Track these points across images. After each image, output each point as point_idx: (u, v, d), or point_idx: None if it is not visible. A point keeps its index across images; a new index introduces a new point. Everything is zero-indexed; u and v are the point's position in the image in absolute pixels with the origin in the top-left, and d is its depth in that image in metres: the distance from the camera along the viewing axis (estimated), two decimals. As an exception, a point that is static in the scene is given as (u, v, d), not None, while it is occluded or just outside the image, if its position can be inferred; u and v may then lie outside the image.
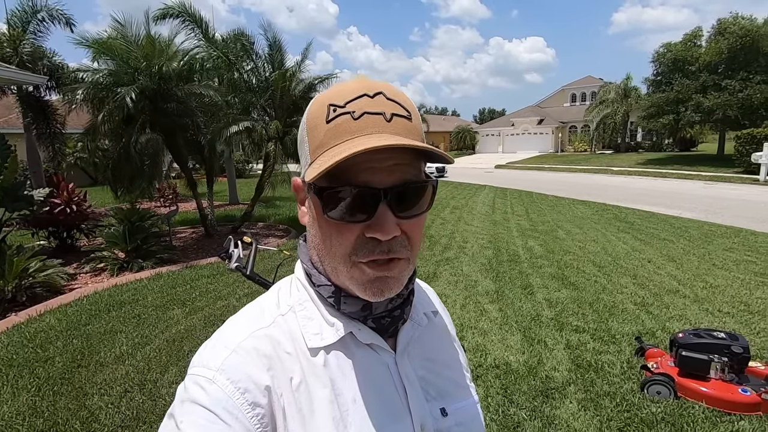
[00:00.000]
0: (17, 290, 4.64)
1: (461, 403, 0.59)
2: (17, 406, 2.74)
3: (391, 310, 0.55)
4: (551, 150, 36.10)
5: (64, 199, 6.40)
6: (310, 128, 0.50)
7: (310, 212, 0.53)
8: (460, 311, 4.19)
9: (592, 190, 14.68)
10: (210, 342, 0.53)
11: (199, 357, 0.51)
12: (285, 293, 0.57)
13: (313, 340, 0.52)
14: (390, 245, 0.48)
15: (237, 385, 0.47)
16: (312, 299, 0.55)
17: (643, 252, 6.56)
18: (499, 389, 2.83)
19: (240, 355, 0.49)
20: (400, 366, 0.54)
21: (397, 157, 0.47)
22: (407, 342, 0.57)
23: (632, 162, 23.91)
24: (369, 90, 0.49)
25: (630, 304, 4.39)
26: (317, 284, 0.54)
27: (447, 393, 0.58)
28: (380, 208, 0.46)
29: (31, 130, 10.11)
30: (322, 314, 0.54)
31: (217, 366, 0.48)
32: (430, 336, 0.61)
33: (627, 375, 2.99)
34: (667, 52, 23.18)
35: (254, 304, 0.58)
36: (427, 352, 0.59)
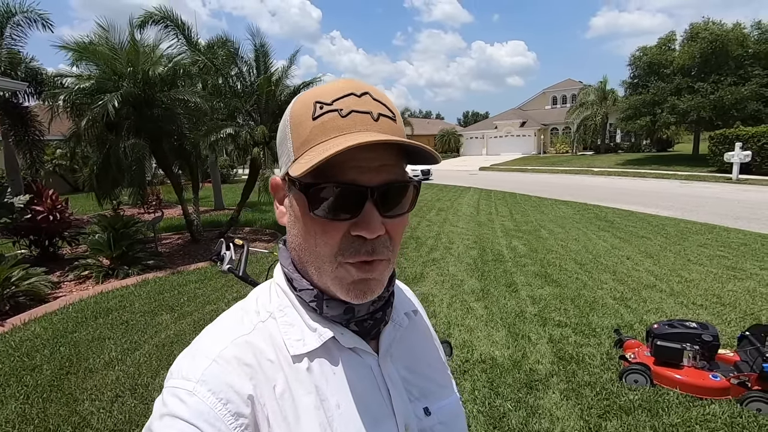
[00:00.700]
0: (0, 300, 4.57)
1: (443, 402, 0.59)
2: (6, 414, 2.72)
3: (373, 312, 0.54)
4: (534, 152, 36.73)
5: (47, 207, 6.31)
6: (294, 125, 0.49)
7: (290, 211, 0.52)
8: (447, 310, 4.29)
9: (574, 191, 15.02)
10: (188, 352, 0.51)
11: (177, 368, 0.49)
12: (264, 299, 0.56)
13: (296, 347, 0.51)
14: (374, 245, 0.48)
15: (218, 396, 0.46)
16: (293, 305, 0.54)
17: (622, 249, 6.77)
18: (485, 382, 2.93)
19: (220, 364, 0.48)
20: (383, 368, 0.54)
21: (384, 158, 0.48)
22: (389, 344, 0.56)
23: (612, 163, 24.51)
24: (356, 89, 0.49)
25: (609, 299, 4.56)
26: (299, 289, 0.53)
27: (429, 392, 0.58)
28: (367, 207, 0.47)
29: (9, 138, 9.91)
30: (304, 320, 0.52)
31: (197, 377, 0.47)
32: (410, 336, 0.61)
33: (606, 366, 3.12)
34: (643, 55, 23.89)
35: (232, 311, 0.56)
36: (409, 352, 0.59)
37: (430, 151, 0.48)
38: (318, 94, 0.49)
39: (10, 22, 9.64)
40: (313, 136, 0.47)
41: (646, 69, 23.51)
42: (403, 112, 45.25)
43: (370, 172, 0.47)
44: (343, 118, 0.47)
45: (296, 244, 0.52)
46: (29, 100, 10.18)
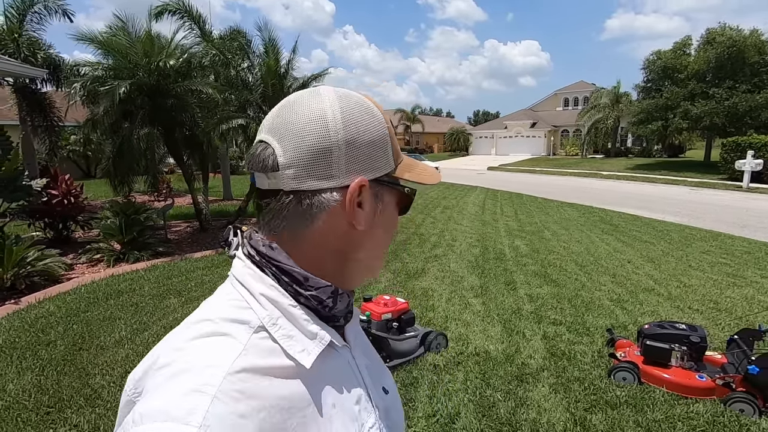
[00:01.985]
0: (16, 278, 4.76)
1: (389, 379, 0.63)
2: (22, 384, 2.89)
3: (350, 305, 0.56)
4: (543, 153, 36.55)
5: (62, 191, 6.51)
6: (391, 132, 0.53)
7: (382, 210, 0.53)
8: (446, 304, 4.40)
9: (581, 193, 15.00)
10: (173, 384, 0.41)
11: (162, 406, 0.40)
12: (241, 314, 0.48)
13: (302, 358, 0.47)
14: None
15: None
16: (284, 314, 0.49)
17: (624, 253, 6.82)
18: (477, 374, 3.04)
19: (224, 401, 0.40)
20: (356, 358, 0.56)
21: None
22: (354, 335, 0.58)
23: (622, 167, 24.35)
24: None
25: (606, 300, 4.63)
26: (316, 287, 0.50)
27: (382, 373, 0.62)
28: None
29: (26, 123, 10.16)
30: (300, 328, 0.49)
31: (199, 421, 0.38)
32: (358, 324, 0.63)
33: (597, 363, 3.21)
34: (657, 59, 23.65)
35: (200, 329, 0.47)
36: (363, 339, 0.62)
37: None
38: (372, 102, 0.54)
39: (32, 9, 9.88)
40: (397, 147, 0.55)
41: (660, 73, 23.28)
42: (413, 109, 45.09)
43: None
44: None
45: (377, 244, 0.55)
46: (47, 87, 10.44)
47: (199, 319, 0.48)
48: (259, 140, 0.50)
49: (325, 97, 0.50)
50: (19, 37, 9.53)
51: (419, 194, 10.16)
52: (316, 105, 0.49)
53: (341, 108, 0.49)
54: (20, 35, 9.55)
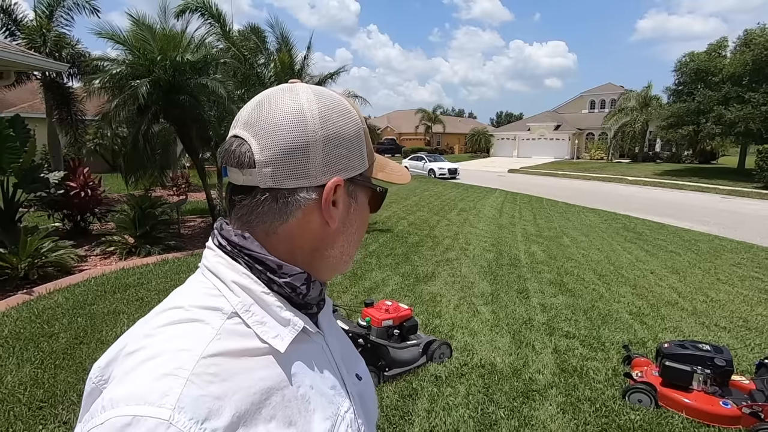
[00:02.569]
0: (30, 268, 4.84)
1: (362, 366, 0.65)
2: (20, 377, 2.88)
3: (322, 293, 0.57)
4: (567, 156, 35.68)
5: (80, 184, 6.62)
6: (365, 131, 0.54)
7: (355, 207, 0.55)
8: (453, 311, 4.24)
9: (605, 199, 14.52)
10: (145, 369, 0.41)
11: (135, 390, 0.40)
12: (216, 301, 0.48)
13: (275, 343, 0.47)
14: None
15: (203, 426, 0.39)
16: (257, 300, 0.49)
17: (647, 263, 6.50)
18: (480, 388, 2.88)
19: (197, 384, 0.40)
20: (330, 345, 0.57)
21: None
22: (327, 322, 0.60)
23: (649, 172, 23.51)
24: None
25: (625, 313, 4.38)
26: (290, 274, 0.50)
27: (354, 360, 0.64)
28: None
29: (53, 116, 10.44)
30: (272, 315, 0.49)
31: (173, 403, 0.38)
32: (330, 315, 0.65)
33: (611, 382, 3.01)
34: (690, 61, 22.71)
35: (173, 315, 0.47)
36: (335, 328, 0.64)
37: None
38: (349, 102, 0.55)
39: (60, 4, 10.13)
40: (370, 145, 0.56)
41: (693, 76, 22.35)
42: (435, 109, 44.61)
43: None
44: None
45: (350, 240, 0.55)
46: (73, 81, 10.70)
47: (169, 306, 0.49)
48: (234, 135, 0.50)
49: (302, 94, 0.50)
50: (48, 32, 9.79)
51: (435, 196, 10.06)
52: (293, 102, 0.49)
53: (319, 106, 0.49)
54: (49, 30, 9.81)
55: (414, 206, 11.50)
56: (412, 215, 10.04)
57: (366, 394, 0.61)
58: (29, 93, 15.31)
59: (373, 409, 0.63)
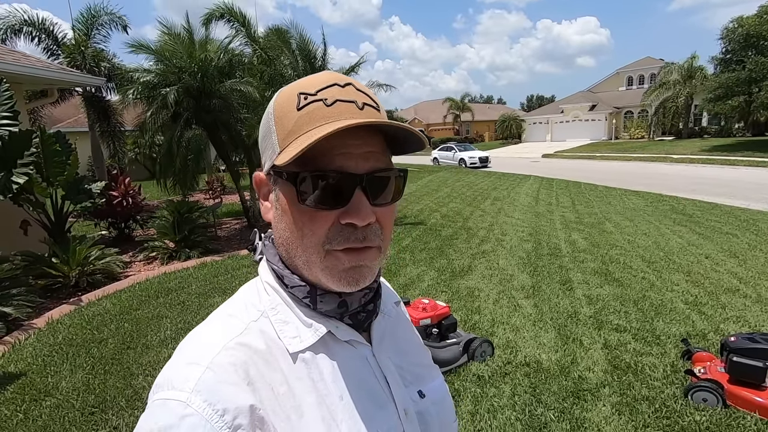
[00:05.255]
0: (80, 276, 5.08)
1: (433, 383, 0.61)
2: (74, 383, 3.01)
3: (365, 304, 0.55)
4: (604, 137, 34.13)
5: (121, 192, 6.89)
6: (278, 117, 0.49)
7: (277, 204, 0.52)
8: (493, 306, 4.09)
9: (648, 180, 13.75)
10: (176, 360, 0.48)
11: (166, 378, 0.46)
12: (253, 298, 0.54)
13: (293, 344, 0.50)
14: (365, 232, 0.48)
15: (215, 407, 0.43)
16: (285, 302, 0.53)
17: (700, 247, 6.06)
18: (527, 388, 2.74)
19: (215, 371, 0.45)
20: (378, 358, 0.55)
21: (370, 144, 0.48)
22: (381, 334, 0.57)
23: (696, 149, 22.07)
24: (339, 81, 0.50)
25: (680, 303, 4.08)
26: (290, 285, 0.52)
27: (420, 376, 0.60)
28: (356, 194, 0.47)
29: (95, 129, 10.97)
30: (298, 316, 0.52)
31: (191, 387, 0.43)
32: (397, 325, 0.63)
33: (670, 379, 2.79)
34: (738, 27, 21.01)
35: (219, 312, 0.54)
36: (398, 341, 0.61)
37: (415, 134, 0.48)
38: (301, 86, 0.50)
39: (97, 23, 10.58)
40: (299, 126, 0.47)
41: (742, 42, 20.69)
42: (463, 97, 43.64)
43: (357, 158, 0.47)
44: (328, 107, 0.47)
45: (284, 238, 0.52)
46: (111, 95, 11.18)
47: (226, 303, 0.55)
48: None
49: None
50: (86, 49, 10.25)
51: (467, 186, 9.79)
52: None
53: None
54: (87, 47, 10.27)
55: (446, 198, 11.30)
56: (444, 207, 9.86)
57: (430, 413, 0.57)
58: (73, 108, 16.16)
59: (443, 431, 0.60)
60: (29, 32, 9.67)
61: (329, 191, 0.46)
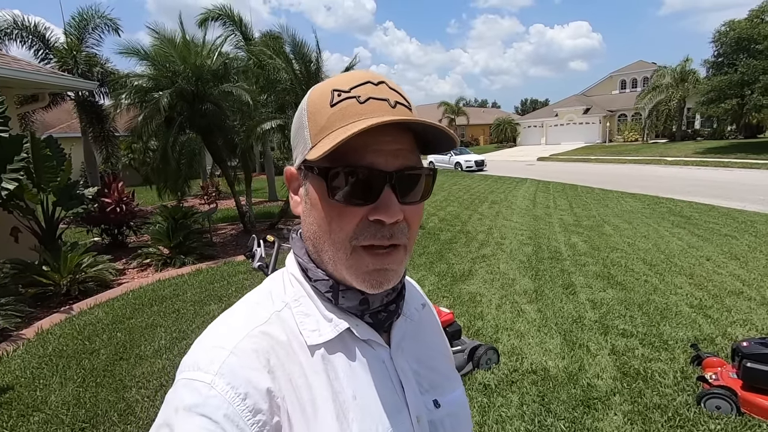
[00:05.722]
0: (71, 284, 4.94)
1: (452, 395, 0.60)
2: (63, 396, 2.88)
3: (387, 304, 0.54)
4: (598, 140, 34.29)
5: (114, 199, 6.76)
6: (312, 113, 0.50)
7: (306, 199, 0.52)
8: (496, 312, 4.01)
9: (644, 182, 13.77)
10: (203, 342, 0.49)
11: (193, 359, 0.47)
12: (278, 289, 0.55)
13: (312, 337, 0.50)
14: (392, 230, 0.48)
15: (237, 391, 0.44)
16: (308, 294, 0.53)
17: (700, 249, 6.03)
18: (535, 397, 2.65)
19: (238, 356, 0.46)
20: (395, 361, 0.54)
21: (400, 142, 0.48)
22: (401, 337, 0.57)
23: (689, 151, 22.20)
24: (372, 78, 0.50)
25: (685, 306, 4.03)
26: (314, 279, 0.53)
27: (438, 385, 0.59)
28: (385, 191, 0.47)
29: (88, 134, 10.80)
30: (319, 310, 0.52)
31: (216, 369, 0.45)
32: (420, 330, 0.62)
33: (681, 386, 2.72)
34: (730, 30, 21.24)
35: (245, 300, 0.55)
36: (419, 345, 0.60)
37: (446, 132, 0.48)
38: (335, 83, 0.50)
39: (89, 26, 10.45)
40: (332, 122, 0.47)
41: (734, 45, 20.89)
42: (458, 101, 43.74)
43: (387, 155, 0.47)
44: (362, 104, 0.48)
45: (311, 232, 0.52)
46: (104, 99, 11.03)
47: (253, 291, 0.56)
48: None
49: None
50: (78, 53, 10.11)
51: (464, 189, 9.73)
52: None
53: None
54: (79, 51, 10.13)
55: (443, 201, 11.24)
56: (442, 211, 9.80)
57: (444, 425, 0.56)
58: (66, 114, 15.99)
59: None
60: (20, 36, 9.52)
61: (359, 187, 0.47)
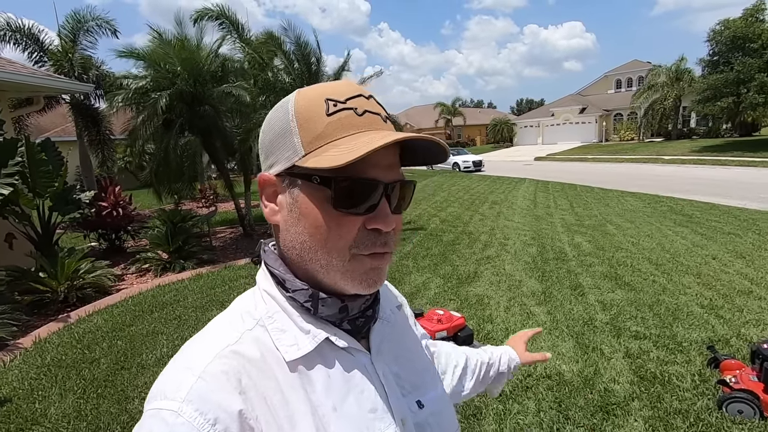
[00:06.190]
0: (69, 291, 4.83)
1: (433, 393, 0.60)
2: (63, 408, 2.78)
3: (364, 310, 0.55)
4: (595, 140, 34.40)
5: (111, 203, 6.65)
6: (303, 119, 0.49)
7: (293, 207, 0.50)
8: (504, 314, 3.94)
9: (642, 181, 13.77)
10: (170, 370, 0.48)
11: (160, 388, 0.46)
12: (249, 307, 0.53)
13: (290, 353, 0.49)
14: (386, 238, 0.50)
15: (207, 416, 0.43)
16: (282, 309, 0.52)
17: (705, 248, 5.99)
18: (552, 403, 2.58)
19: (207, 381, 0.45)
20: (376, 366, 0.54)
21: (393, 156, 0.50)
22: (380, 341, 0.57)
23: (686, 150, 22.28)
24: (363, 92, 0.51)
25: (696, 306, 3.97)
26: (292, 290, 0.52)
27: (420, 385, 0.59)
28: (383, 202, 0.49)
29: (83, 137, 10.67)
30: (296, 323, 0.51)
31: (183, 396, 0.43)
32: (397, 331, 0.62)
33: (700, 390, 2.65)
34: (725, 29, 21.31)
35: (215, 322, 0.53)
36: (397, 347, 0.60)
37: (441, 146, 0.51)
38: (327, 92, 0.50)
39: (83, 28, 10.31)
40: (330, 132, 0.48)
41: (729, 44, 20.97)
42: (454, 102, 43.70)
43: (383, 169, 0.49)
44: (359, 116, 0.49)
45: (299, 242, 0.50)
46: (100, 102, 10.90)
47: (222, 314, 0.54)
48: None
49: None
50: (73, 55, 9.98)
51: (464, 189, 9.65)
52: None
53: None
54: (74, 54, 10.01)
55: (443, 202, 11.18)
56: (443, 212, 9.73)
57: (429, 424, 0.57)
58: (61, 117, 15.80)
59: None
60: (14, 38, 9.38)
61: (362, 198, 0.48)
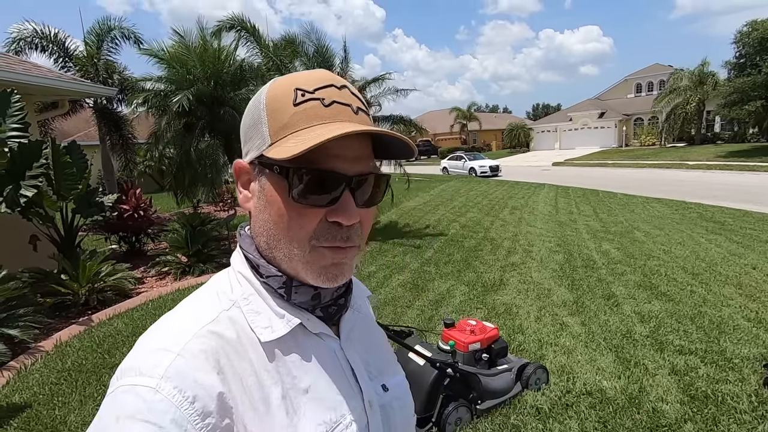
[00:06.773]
0: (90, 294, 4.81)
1: (395, 378, 0.62)
2: (83, 416, 2.71)
3: (337, 298, 0.56)
4: (614, 145, 33.71)
5: (132, 206, 6.66)
6: (272, 110, 0.49)
7: (261, 195, 0.50)
8: (536, 325, 3.76)
9: (667, 187, 13.37)
10: (145, 345, 0.47)
11: (135, 363, 0.45)
12: (225, 288, 0.53)
13: (265, 334, 0.49)
14: (349, 232, 0.49)
15: (185, 394, 0.42)
16: (257, 292, 0.52)
17: (743, 257, 5.70)
18: (596, 423, 2.40)
19: (186, 358, 0.44)
20: (346, 351, 0.55)
21: (361, 148, 0.49)
22: (350, 328, 0.58)
23: (710, 155, 21.63)
24: (335, 82, 0.50)
25: (742, 319, 3.73)
26: (266, 275, 0.52)
27: (384, 371, 0.61)
28: (345, 195, 0.48)
29: (106, 141, 10.83)
30: (270, 307, 0.51)
31: (161, 373, 0.43)
32: (367, 321, 0.64)
33: (759, 412, 2.44)
34: (753, 30, 20.72)
35: (189, 300, 0.53)
36: (365, 335, 0.61)
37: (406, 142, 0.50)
38: (297, 82, 0.49)
39: (108, 36, 10.50)
40: (295, 122, 0.47)
41: (757, 46, 20.35)
42: (469, 107, 43.56)
43: (348, 162, 0.48)
44: (326, 107, 0.48)
45: (266, 229, 0.51)
46: (122, 107, 11.06)
47: (197, 292, 0.54)
48: None
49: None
50: (98, 61, 10.16)
51: (482, 195, 9.47)
52: None
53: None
54: (99, 59, 10.19)
55: (462, 207, 10.99)
56: (462, 217, 9.55)
57: (393, 407, 0.59)
58: (84, 122, 16.11)
59: (404, 426, 0.61)
60: (41, 44, 9.59)
61: (321, 190, 0.47)
